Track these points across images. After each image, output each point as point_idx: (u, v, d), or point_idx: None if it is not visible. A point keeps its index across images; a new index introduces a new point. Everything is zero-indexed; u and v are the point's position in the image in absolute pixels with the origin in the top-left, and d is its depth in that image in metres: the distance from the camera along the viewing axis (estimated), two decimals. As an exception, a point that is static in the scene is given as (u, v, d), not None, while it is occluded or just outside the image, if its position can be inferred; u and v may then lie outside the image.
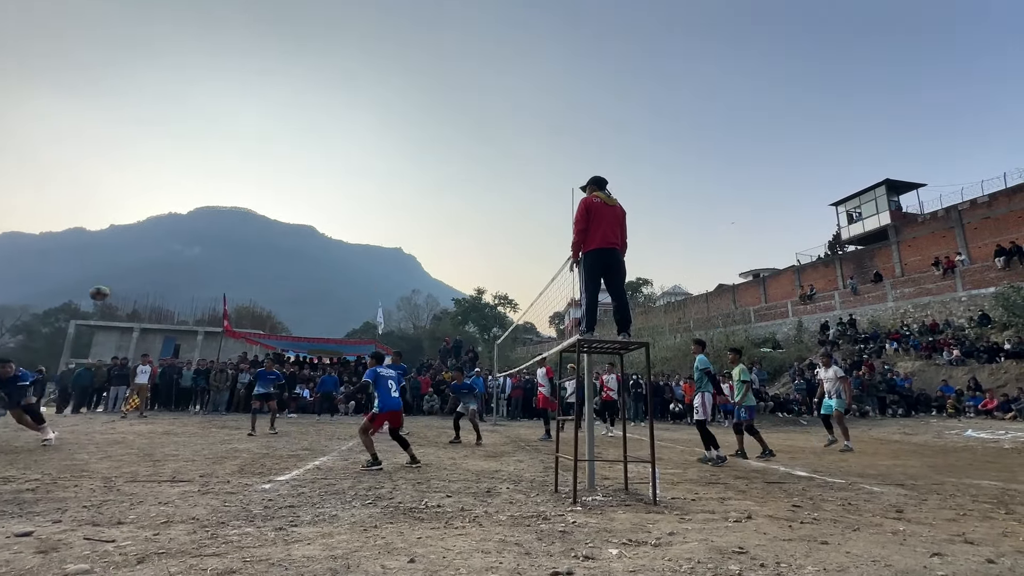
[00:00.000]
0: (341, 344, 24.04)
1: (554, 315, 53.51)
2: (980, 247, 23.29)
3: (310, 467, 5.52)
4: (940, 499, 4.30)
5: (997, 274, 20.28)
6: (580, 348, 4.56)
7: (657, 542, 2.79)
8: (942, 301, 22.07)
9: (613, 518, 3.40)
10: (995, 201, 23.81)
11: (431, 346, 39.57)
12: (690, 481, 5.15)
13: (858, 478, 5.47)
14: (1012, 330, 17.76)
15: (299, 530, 2.92)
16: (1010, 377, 15.65)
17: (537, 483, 4.85)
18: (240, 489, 4.16)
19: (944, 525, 3.34)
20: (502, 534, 2.92)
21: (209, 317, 30.61)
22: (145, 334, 28.14)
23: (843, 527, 3.22)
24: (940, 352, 18.67)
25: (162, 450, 6.62)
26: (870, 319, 24.01)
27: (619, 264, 4.53)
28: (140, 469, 5.07)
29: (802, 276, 31.69)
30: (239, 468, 5.29)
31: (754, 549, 2.67)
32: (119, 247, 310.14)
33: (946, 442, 10.13)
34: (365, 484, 4.53)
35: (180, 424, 11.07)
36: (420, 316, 56.12)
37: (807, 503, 4.03)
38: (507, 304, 53.57)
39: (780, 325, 28.36)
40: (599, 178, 4.80)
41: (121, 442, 7.45)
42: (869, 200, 30.40)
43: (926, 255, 25.23)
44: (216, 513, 3.29)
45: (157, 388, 15.16)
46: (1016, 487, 5.00)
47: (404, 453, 6.03)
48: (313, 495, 3.98)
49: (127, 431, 9.23)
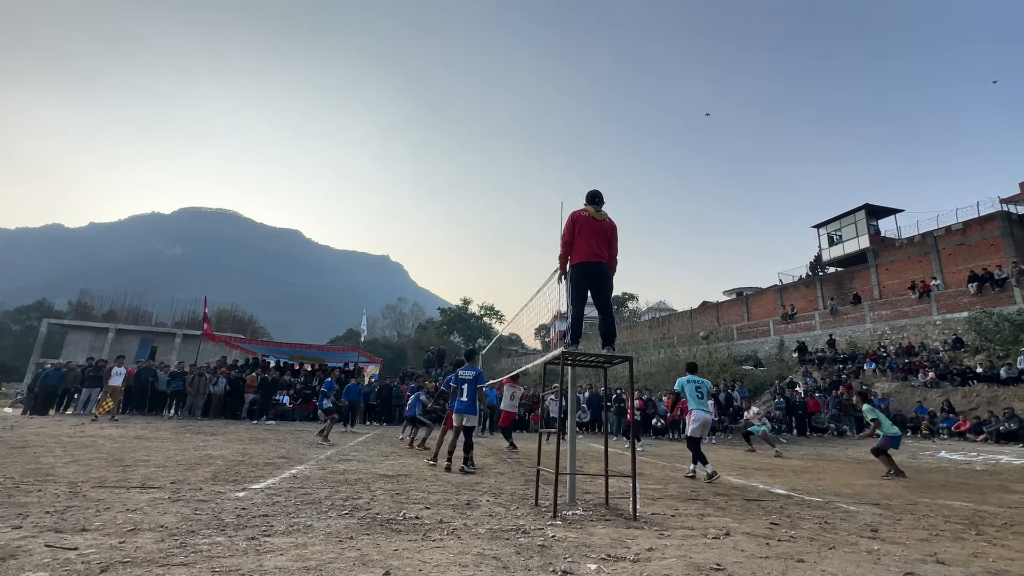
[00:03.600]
0: (324, 351, 23.72)
1: (539, 327, 53.54)
2: (954, 272, 23.98)
3: (286, 476, 5.40)
4: (914, 519, 4.36)
5: (970, 299, 20.88)
6: (564, 360, 4.57)
7: (636, 558, 2.78)
8: (918, 324, 22.62)
9: (593, 533, 3.38)
10: (968, 229, 24.59)
11: (415, 355, 39.26)
12: (670, 497, 5.16)
13: (835, 497, 5.53)
14: (984, 354, 18.25)
15: (272, 540, 2.84)
16: (981, 400, 16.03)
17: (518, 496, 4.81)
18: (212, 497, 4.05)
19: (917, 545, 3.38)
20: (480, 547, 2.88)
21: (189, 319, 29.95)
22: (121, 335, 27.41)
23: (819, 545, 3.24)
24: (916, 374, 19.07)
25: (133, 455, 6.42)
26: (848, 339, 24.48)
27: (605, 278, 4.57)
28: (108, 474, 4.91)
29: (784, 296, 32.24)
30: (212, 475, 5.16)
31: (731, 566, 2.67)
32: (98, 244, 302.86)
33: (920, 463, 10.31)
34: (342, 494, 4.44)
35: (153, 428, 10.77)
36: (405, 324, 55.67)
37: (785, 521, 4.06)
38: (493, 315, 53.50)
39: (762, 343, 28.75)
40: (593, 193, 4.84)
41: (90, 446, 7.21)
42: (849, 223, 31.17)
43: (903, 279, 25.88)
44: (186, 521, 3.19)
45: (131, 391, 14.75)
46: (987, 508, 5.10)
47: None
48: (288, 504, 3.89)
49: (97, 434, 8.94)
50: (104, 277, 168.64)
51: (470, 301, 53.79)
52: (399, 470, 6.35)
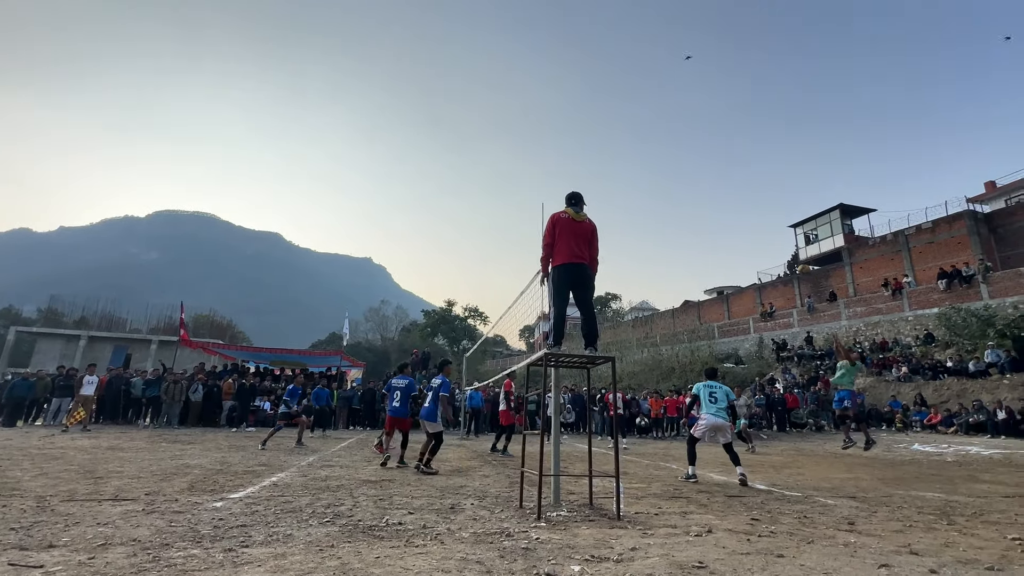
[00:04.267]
0: (305, 355, 23.37)
1: (524, 328, 53.59)
2: (925, 270, 24.75)
3: (266, 483, 5.30)
4: (889, 511, 4.47)
5: (940, 295, 21.57)
6: (547, 362, 4.57)
7: (619, 558, 2.79)
8: (891, 320, 23.28)
9: (577, 534, 3.39)
10: (937, 227, 25.41)
11: (399, 358, 38.89)
12: (654, 495, 5.20)
13: (814, 491, 5.64)
14: (953, 348, 18.86)
15: (250, 551, 2.78)
16: (952, 393, 16.55)
17: (502, 499, 4.79)
18: (189, 508, 3.94)
19: (892, 536, 3.47)
20: (464, 552, 2.86)
21: (165, 325, 29.16)
22: (93, 342, 26.56)
23: (798, 540, 3.30)
24: (889, 369, 19.61)
25: (105, 466, 6.23)
26: (826, 336, 25.05)
27: (587, 279, 4.58)
28: (79, 487, 4.75)
29: (763, 294, 32.85)
30: (189, 485, 5.03)
31: (713, 563, 2.70)
32: (69, 249, 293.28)
33: (895, 455, 10.59)
34: (324, 501, 4.37)
35: (127, 438, 10.46)
36: (388, 327, 55.14)
37: (765, 516, 4.12)
38: (477, 317, 53.35)
39: (742, 341, 29.24)
40: (573, 194, 4.86)
41: (60, 458, 6.97)
42: (825, 223, 31.93)
43: (877, 276, 26.61)
44: (160, 534, 3.10)
45: (103, 400, 14.30)
46: (957, 498, 5.26)
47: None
48: (268, 513, 3.81)
49: (68, 446, 8.65)
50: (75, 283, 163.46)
51: (454, 303, 53.56)
52: (383, 475, 6.28)
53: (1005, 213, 25.59)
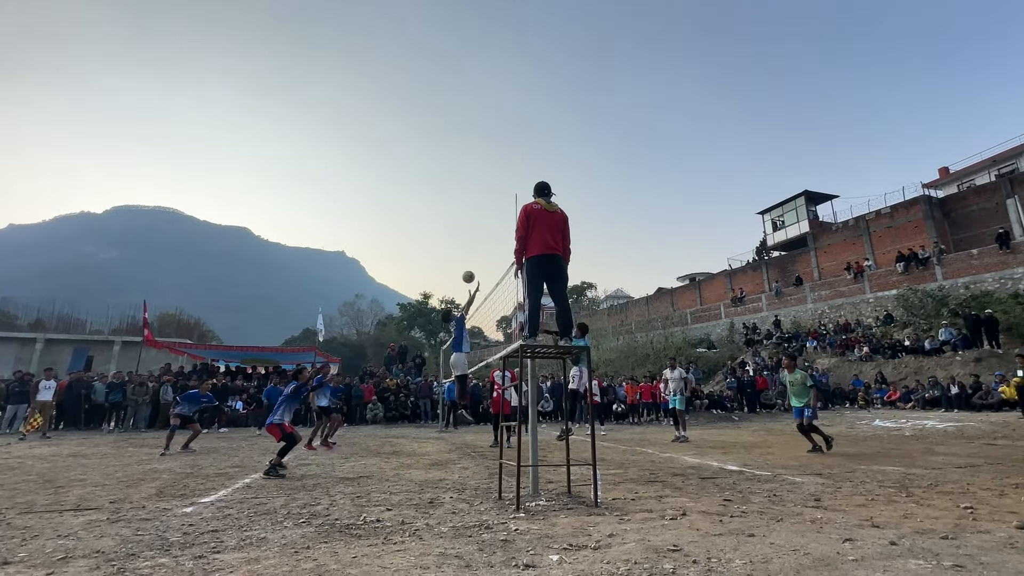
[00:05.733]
0: (278, 352, 22.86)
1: (501, 319, 53.67)
2: (884, 253, 25.80)
3: (239, 486, 5.17)
4: (852, 486, 4.67)
5: (898, 278, 22.55)
6: (523, 353, 4.58)
7: (597, 545, 2.83)
8: (853, 303, 24.23)
9: (555, 523, 3.42)
10: (895, 212, 26.48)
11: (376, 353, 38.50)
12: (631, 480, 5.30)
13: (783, 470, 5.84)
14: (911, 328, 19.78)
15: (222, 557, 2.71)
16: (909, 370, 17.39)
17: (482, 490, 4.80)
18: (157, 515, 3.82)
19: (855, 511, 3.62)
20: (443, 547, 2.86)
21: (128, 326, 28.06)
22: (51, 345, 25.37)
23: (768, 519, 3.41)
24: (852, 349, 20.45)
25: (67, 475, 5.97)
26: (792, 319, 25.92)
27: (560, 270, 4.59)
28: (38, 498, 4.54)
29: (733, 280, 33.71)
30: (157, 491, 4.87)
31: (687, 546, 2.77)
32: (19, 248, 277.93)
33: (857, 432, 11.07)
34: (300, 501, 4.30)
35: (91, 444, 10.06)
36: (364, 322, 54.42)
37: (737, 497, 4.25)
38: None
39: (714, 326, 30.00)
40: (542, 184, 4.85)
41: (17, 468, 6.65)
42: (791, 209, 32.88)
43: (840, 260, 27.61)
44: (126, 544, 2.99)
45: (63, 405, 13.70)
46: (915, 471, 5.53)
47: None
48: (241, 517, 3.72)
49: (25, 455, 8.26)
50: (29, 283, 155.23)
51: (430, 295, 53.16)
52: (360, 471, 6.22)
53: (958, 198, 26.85)
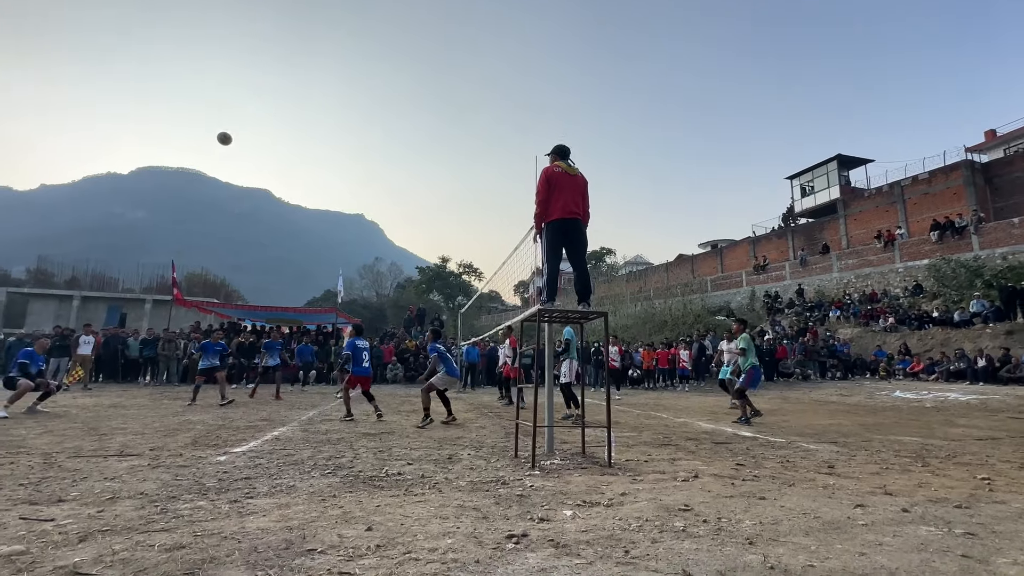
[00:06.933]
0: (301, 313, 23.43)
1: (519, 283, 53.80)
2: (918, 221, 24.78)
3: (268, 438, 5.44)
4: (867, 455, 4.68)
5: (931, 247, 21.72)
6: (541, 318, 4.61)
7: (609, 503, 2.93)
8: (881, 272, 23.52)
9: (569, 481, 3.53)
10: (934, 178, 25.23)
11: (395, 315, 39.16)
12: (644, 443, 5.40)
13: (797, 437, 5.87)
14: (940, 299, 19.20)
15: (255, 502, 2.88)
16: (935, 342, 17.00)
17: (498, 449, 4.96)
18: (193, 462, 4.06)
19: (869, 478, 3.65)
20: (461, 500, 2.99)
21: (158, 284, 28.98)
22: (87, 302, 26.46)
23: (780, 483, 3.46)
24: (877, 320, 20.01)
25: (109, 423, 6.35)
26: (816, 288, 25.37)
27: (580, 235, 4.55)
28: (84, 444, 4.86)
29: (757, 247, 32.93)
30: (192, 441, 5.15)
31: (698, 506, 2.84)
32: (52, 208, 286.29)
33: (876, 402, 10.99)
34: (325, 454, 4.51)
35: (129, 396, 10.63)
36: (383, 284, 55.19)
37: (750, 461, 4.31)
38: (472, 272, 53.40)
39: (735, 294, 29.57)
40: (562, 147, 4.75)
41: (63, 416, 7.10)
42: (821, 174, 31.60)
43: (870, 228, 26.64)
44: (167, 487, 3.20)
45: (100, 359, 14.43)
46: (933, 442, 5.50)
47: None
48: (271, 466, 3.93)
49: (70, 404, 8.79)
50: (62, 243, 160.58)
51: (448, 259, 53.44)
52: (382, 428, 6.46)
53: (1003, 163, 25.38)
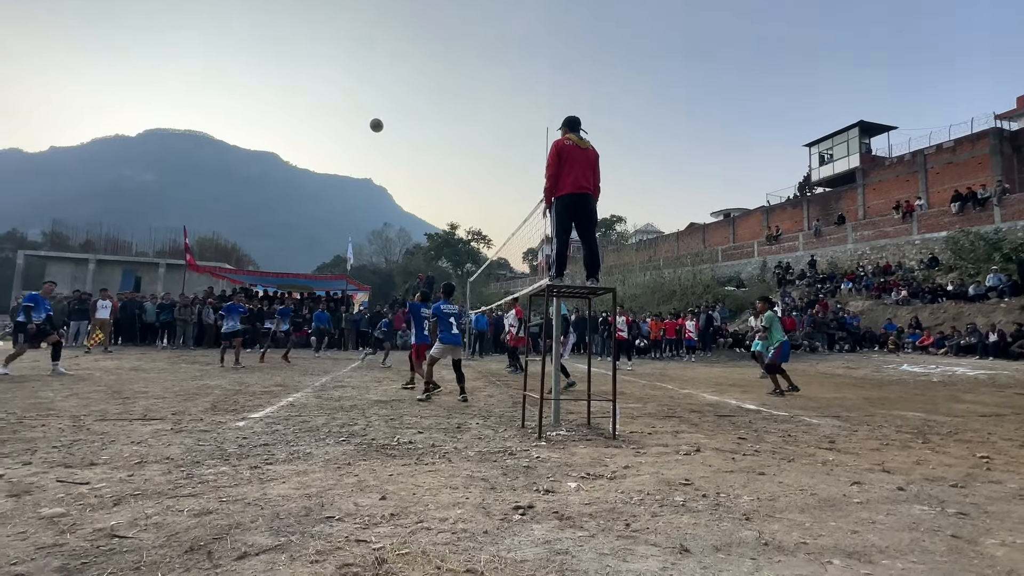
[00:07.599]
0: (312, 279, 23.72)
1: (527, 251, 53.66)
2: (939, 192, 24.07)
3: (283, 404, 5.63)
4: (869, 430, 4.76)
5: (951, 219, 21.18)
6: (549, 292, 4.65)
7: (612, 475, 3.03)
8: (897, 244, 23.08)
9: (574, 453, 3.65)
10: (959, 147, 24.34)
11: (404, 281, 39.46)
12: (648, 415, 5.52)
13: (800, 411, 5.96)
14: (956, 272, 18.88)
15: (274, 468, 3.03)
16: (948, 316, 16.84)
17: (505, 418, 5.10)
18: (213, 427, 4.23)
19: (868, 455, 3.72)
20: (470, 470, 3.11)
21: (171, 248, 29.34)
22: (102, 266, 26.93)
23: (780, 458, 3.55)
24: (889, 292, 19.80)
25: (131, 387, 6.60)
26: (829, 260, 25.02)
27: (590, 210, 4.53)
28: (109, 407, 5.07)
29: (770, 217, 32.34)
30: (211, 405, 5.36)
31: (699, 481, 2.94)
32: (62, 170, 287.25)
33: (883, 376, 11.04)
34: (339, 421, 4.68)
35: (148, 360, 10.97)
36: (392, 250, 55.34)
37: (751, 436, 4.40)
38: (481, 240, 53.26)
39: (745, 265, 29.28)
40: (573, 119, 4.66)
41: (87, 379, 7.37)
42: (842, 142, 30.60)
43: (889, 199, 25.97)
44: (190, 452, 3.37)
45: (119, 323, 14.82)
46: (936, 418, 5.56)
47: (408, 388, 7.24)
48: (287, 433, 4.10)
49: (93, 367, 9.11)
50: (75, 206, 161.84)
51: (457, 226, 53.23)
52: (393, 395, 6.65)
53: (1033, 131, 24.36)
